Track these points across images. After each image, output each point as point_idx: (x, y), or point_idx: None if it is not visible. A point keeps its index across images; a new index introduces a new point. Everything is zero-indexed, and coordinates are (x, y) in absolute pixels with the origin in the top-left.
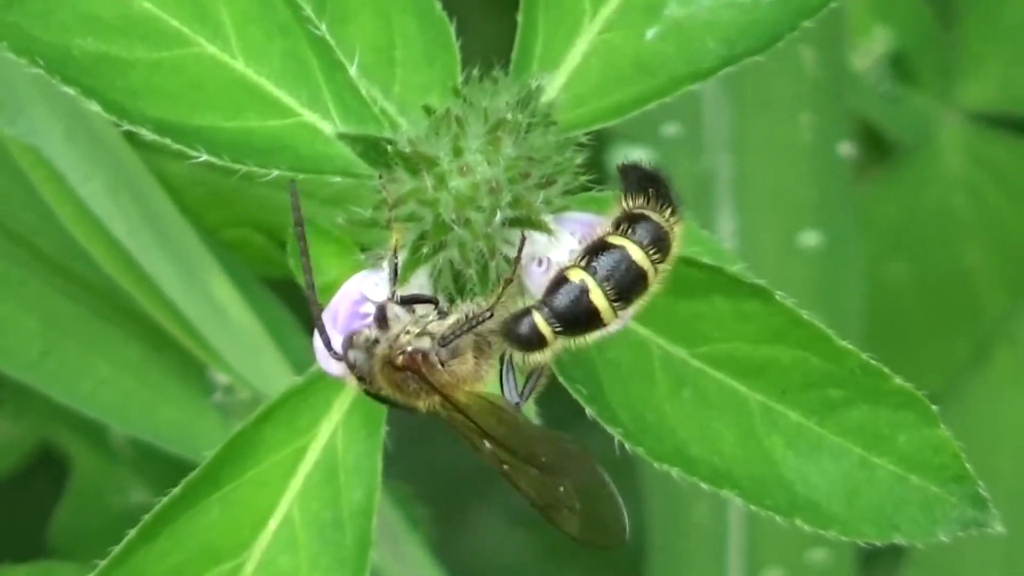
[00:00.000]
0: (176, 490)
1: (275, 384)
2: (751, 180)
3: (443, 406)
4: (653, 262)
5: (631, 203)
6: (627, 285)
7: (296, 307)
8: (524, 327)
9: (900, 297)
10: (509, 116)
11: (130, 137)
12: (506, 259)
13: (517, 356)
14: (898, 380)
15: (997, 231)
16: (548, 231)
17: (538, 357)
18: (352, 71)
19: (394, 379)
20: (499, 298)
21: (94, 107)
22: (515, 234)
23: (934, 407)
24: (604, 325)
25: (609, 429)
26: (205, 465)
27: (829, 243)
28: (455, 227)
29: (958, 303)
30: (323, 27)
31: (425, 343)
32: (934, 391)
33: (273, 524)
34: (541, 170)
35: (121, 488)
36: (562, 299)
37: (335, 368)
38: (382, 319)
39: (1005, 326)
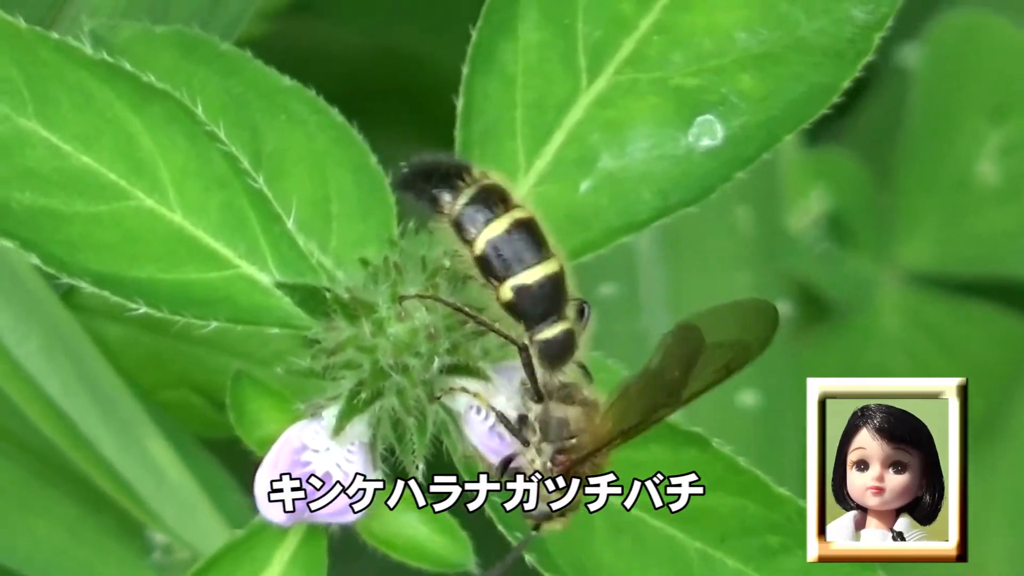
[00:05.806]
0: None
1: (213, 543)
2: None
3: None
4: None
5: None
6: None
7: (234, 467)
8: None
9: None
10: (447, 263)
11: (67, 299)
12: (445, 408)
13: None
14: None
15: None
16: (486, 378)
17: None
18: (290, 224)
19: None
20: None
21: (33, 260)
22: (453, 382)
23: None
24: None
25: None
26: None
27: (767, 403)
28: (393, 373)
29: None
30: (260, 180)
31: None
32: None
33: None
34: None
35: None
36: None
37: (276, 516)
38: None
39: None
